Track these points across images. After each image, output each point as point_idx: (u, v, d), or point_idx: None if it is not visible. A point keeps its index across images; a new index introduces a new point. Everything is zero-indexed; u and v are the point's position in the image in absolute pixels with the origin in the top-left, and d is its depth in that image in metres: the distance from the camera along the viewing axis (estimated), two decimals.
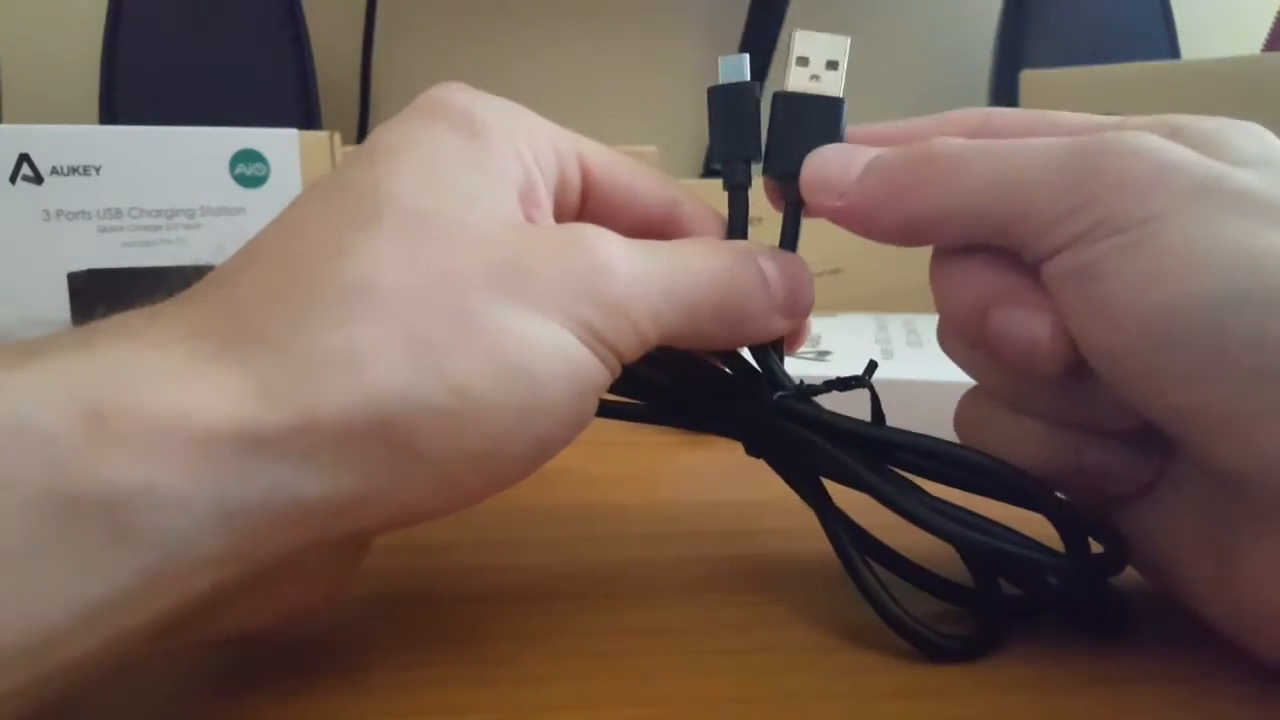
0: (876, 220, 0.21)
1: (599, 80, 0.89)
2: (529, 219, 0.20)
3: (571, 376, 0.18)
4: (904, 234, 0.21)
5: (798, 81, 0.23)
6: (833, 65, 0.23)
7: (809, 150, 0.22)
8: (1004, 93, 0.76)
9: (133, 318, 0.17)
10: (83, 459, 0.14)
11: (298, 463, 0.16)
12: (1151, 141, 0.18)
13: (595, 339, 0.19)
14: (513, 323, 0.18)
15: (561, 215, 0.22)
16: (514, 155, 0.20)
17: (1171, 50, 0.78)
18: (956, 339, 0.22)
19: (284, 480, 0.16)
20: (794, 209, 0.23)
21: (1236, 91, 0.48)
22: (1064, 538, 0.20)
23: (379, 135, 0.20)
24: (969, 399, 0.22)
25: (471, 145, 0.20)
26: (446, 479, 0.17)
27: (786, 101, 0.23)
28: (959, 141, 0.20)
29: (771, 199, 0.24)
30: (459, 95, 0.21)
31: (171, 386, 0.15)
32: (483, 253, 0.18)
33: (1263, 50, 0.64)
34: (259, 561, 0.16)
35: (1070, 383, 0.20)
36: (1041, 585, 0.20)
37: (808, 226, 0.23)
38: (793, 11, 0.81)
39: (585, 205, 0.23)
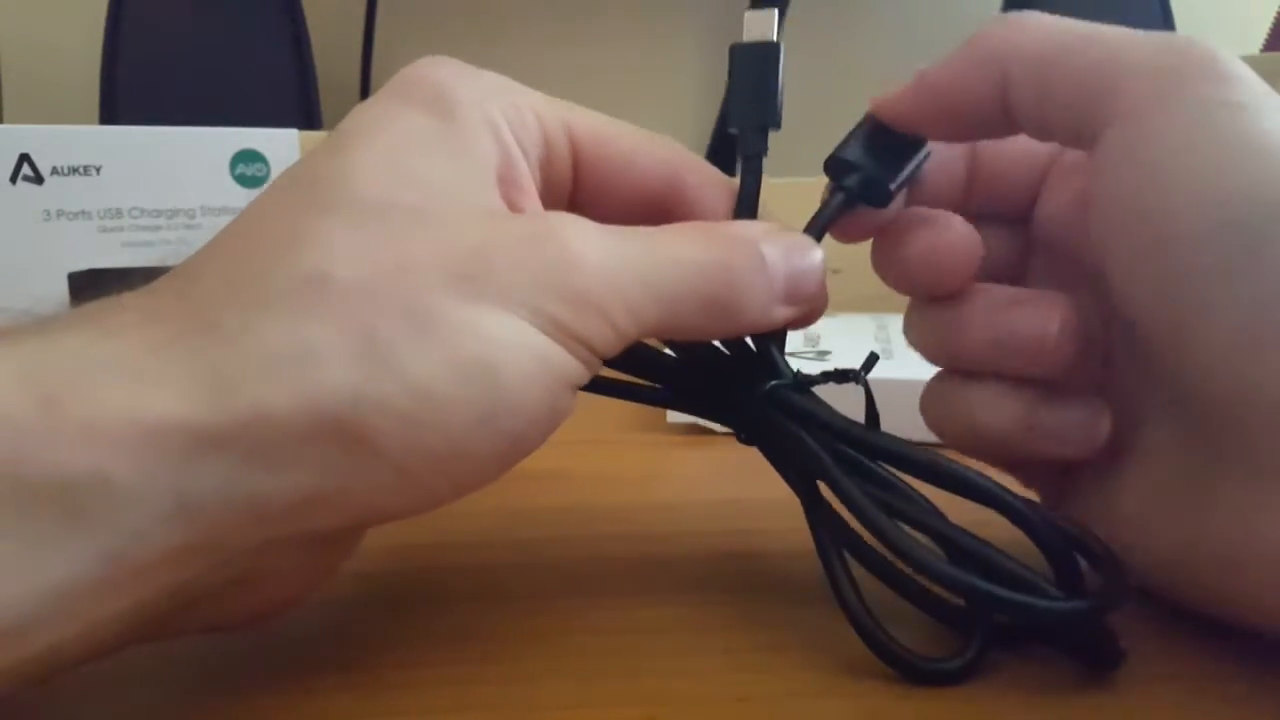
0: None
1: (600, 79, 0.89)
2: (509, 201, 0.20)
3: (538, 373, 0.17)
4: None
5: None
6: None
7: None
8: None
9: (94, 307, 0.17)
10: (37, 443, 0.14)
11: (251, 460, 0.16)
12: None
13: (564, 333, 0.18)
14: (472, 319, 0.17)
15: (552, 189, 0.21)
16: (490, 135, 0.19)
17: None
18: (925, 308, 0.23)
19: (239, 476, 0.16)
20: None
21: None
22: (1054, 566, 0.19)
23: (351, 118, 0.20)
24: (928, 386, 0.23)
25: (443, 128, 0.19)
26: (409, 479, 0.17)
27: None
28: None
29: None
30: (436, 71, 0.20)
31: (122, 376, 0.15)
32: (442, 244, 0.18)
33: (1262, 50, 0.64)
34: (225, 556, 0.16)
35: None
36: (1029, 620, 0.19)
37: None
38: (793, 11, 0.81)
39: (578, 178, 0.22)
